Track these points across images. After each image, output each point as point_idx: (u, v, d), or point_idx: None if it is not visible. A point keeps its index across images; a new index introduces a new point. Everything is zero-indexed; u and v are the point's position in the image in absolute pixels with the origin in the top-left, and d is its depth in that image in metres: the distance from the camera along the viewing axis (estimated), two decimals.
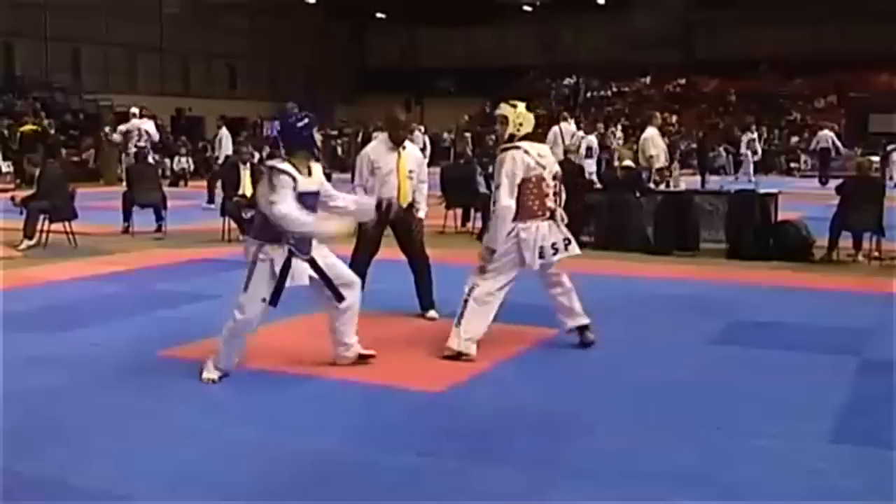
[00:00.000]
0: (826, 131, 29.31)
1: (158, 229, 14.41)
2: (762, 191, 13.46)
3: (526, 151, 6.80)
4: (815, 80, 39.57)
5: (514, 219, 6.76)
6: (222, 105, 39.63)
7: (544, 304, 7.34)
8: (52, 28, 34.54)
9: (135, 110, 22.25)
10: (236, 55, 42.72)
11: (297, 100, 40.61)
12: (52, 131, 29.59)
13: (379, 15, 48.47)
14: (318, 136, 6.52)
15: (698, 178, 22.66)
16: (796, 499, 4.41)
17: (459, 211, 15.62)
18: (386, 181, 8.08)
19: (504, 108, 7.02)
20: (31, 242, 12.57)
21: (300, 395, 6.04)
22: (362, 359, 6.61)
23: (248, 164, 14.28)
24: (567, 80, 43.88)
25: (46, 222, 12.86)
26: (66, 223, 12.90)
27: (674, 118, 38.46)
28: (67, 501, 4.38)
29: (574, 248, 7.11)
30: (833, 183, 15.42)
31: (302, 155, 6.28)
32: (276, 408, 5.77)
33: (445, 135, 35.51)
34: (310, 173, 6.29)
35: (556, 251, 6.91)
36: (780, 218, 13.01)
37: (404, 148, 8.28)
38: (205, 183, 20.41)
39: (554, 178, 6.95)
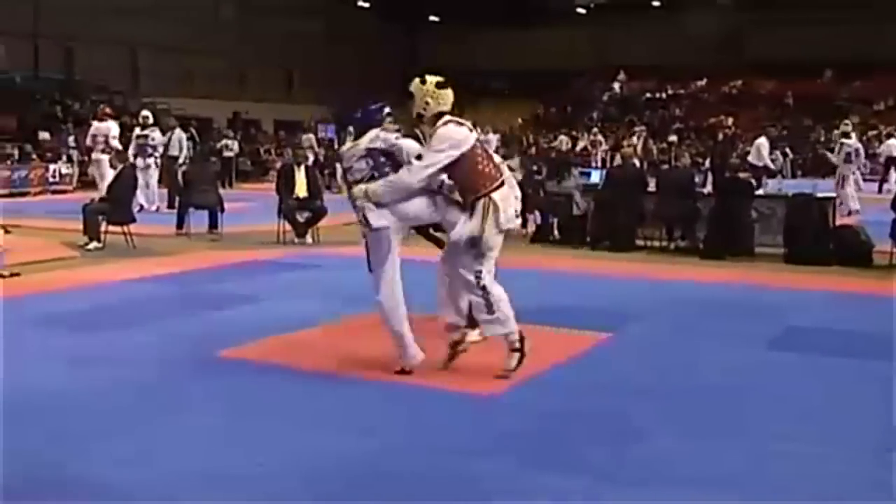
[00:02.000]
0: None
1: (213, 230, 14.55)
2: (820, 195, 13.28)
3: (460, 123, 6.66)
4: (874, 82, 38.94)
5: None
6: (278, 109, 40.06)
7: (596, 307, 7.31)
8: (110, 32, 35.02)
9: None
10: (291, 59, 43.02)
11: (350, 103, 40.75)
12: None
13: (433, 18, 48.58)
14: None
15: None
16: None
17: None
18: None
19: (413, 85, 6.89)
20: (99, 244, 12.76)
21: (355, 397, 6.04)
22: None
23: (302, 167, 14.39)
24: (617, 81, 43.52)
25: (105, 224, 13.06)
26: (125, 225, 13.09)
27: (730, 120, 38.07)
28: (110, 501, 4.42)
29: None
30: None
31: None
32: (328, 409, 5.79)
33: (491, 136, 35.44)
34: None
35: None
36: (838, 222, 12.84)
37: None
38: (262, 185, 20.55)
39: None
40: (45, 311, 8.62)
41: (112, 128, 18.40)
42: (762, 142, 20.42)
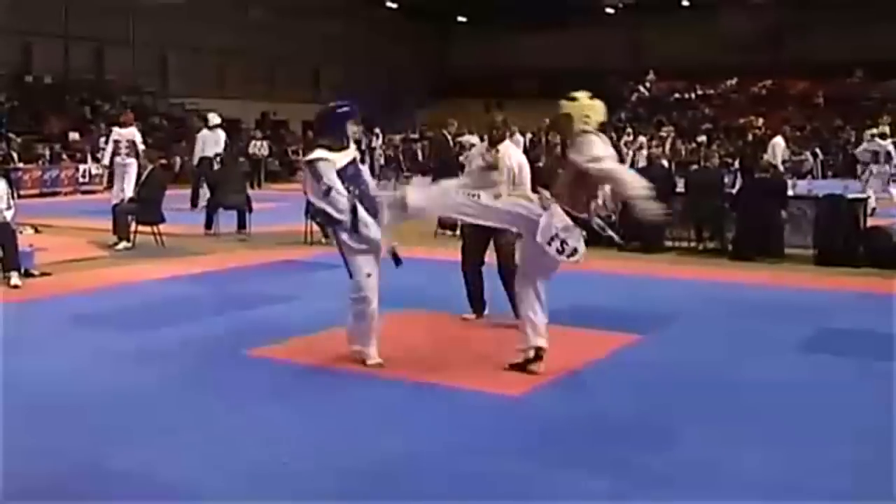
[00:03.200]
0: None
1: (242, 230, 14.60)
2: (850, 196, 13.16)
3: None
4: None
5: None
6: (306, 109, 40.11)
7: (626, 308, 7.28)
8: (140, 33, 35.26)
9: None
10: (319, 59, 43.14)
11: (378, 104, 40.87)
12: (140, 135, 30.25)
13: (461, 19, 48.57)
14: (351, 128, 7.16)
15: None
16: None
17: None
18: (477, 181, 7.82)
19: (564, 105, 6.90)
20: (129, 244, 12.84)
21: (383, 396, 6.05)
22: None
23: None
24: (647, 81, 43.32)
25: (134, 223, 13.14)
26: (155, 225, 13.17)
27: (760, 121, 37.82)
28: (154, 496, 4.46)
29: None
30: None
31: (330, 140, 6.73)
32: (360, 408, 5.81)
33: (518, 137, 35.39)
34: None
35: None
36: (869, 224, 12.73)
37: (497, 151, 8.12)
38: (290, 185, 20.57)
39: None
40: (75, 310, 8.69)
41: (136, 133, 18.54)
42: (778, 141, 20.42)
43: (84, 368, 6.65)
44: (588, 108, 6.74)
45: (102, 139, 27.91)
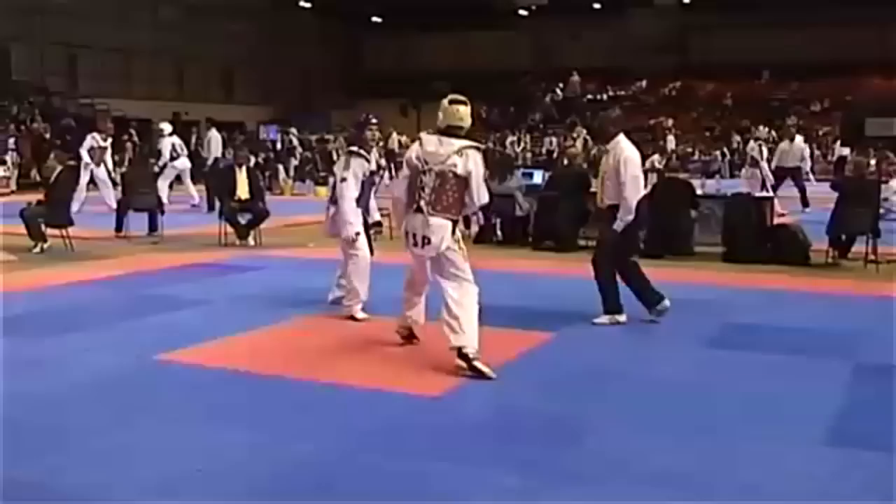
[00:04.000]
0: None
1: (153, 233, 14.41)
2: (757, 195, 13.48)
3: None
4: (811, 83, 39.63)
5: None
6: (218, 109, 39.73)
7: (538, 307, 7.36)
8: (49, 33, 34.52)
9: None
10: (232, 59, 42.72)
11: (293, 105, 40.61)
12: (48, 135, 29.62)
13: (375, 19, 48.50)
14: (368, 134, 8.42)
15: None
16: (792, 502, 4.42)
17: None
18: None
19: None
20: (46, 245, 12.64)
21: (298, 398, 6.02)
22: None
23: (244, 168, 14.29)
24: (572, 80, 43.77)
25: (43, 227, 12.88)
26: (63, 228, 12.92)
27: (670, 122, 38.49)
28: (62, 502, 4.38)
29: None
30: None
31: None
32: (273, 411, 5.77)
33: None
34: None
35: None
36: (776, 222, 13.04)
37: (607, 150, 8.25)
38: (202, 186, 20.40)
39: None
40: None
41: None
42: (801, 143, 20.61)
43: (6, 373, 6.50)
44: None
45: (12, 140, 27.37)
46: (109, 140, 19.08)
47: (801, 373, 6.69)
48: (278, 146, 33.25)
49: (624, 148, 8.05)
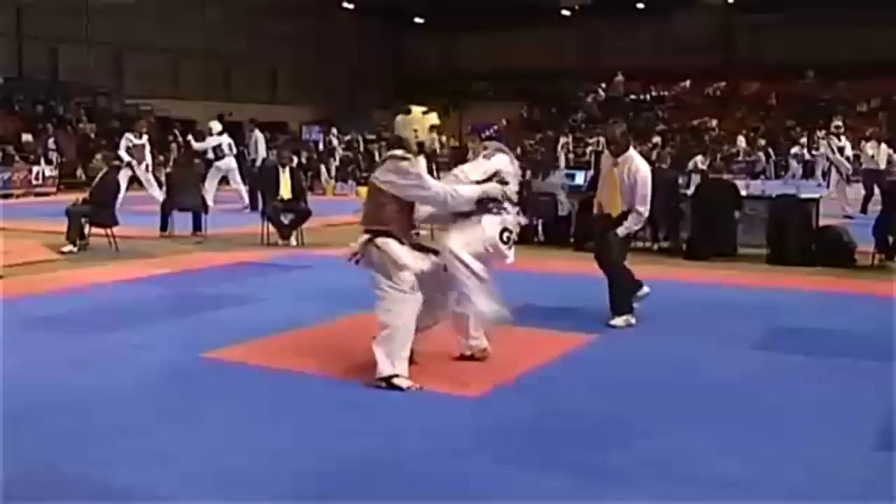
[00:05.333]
0: None
1: (197, 232, 14.52)
2: (803, 196, 13.33)
3: None
4: (857, 84, 39.11)
5: None
6: (263, 110, 40.00)
7: (581, 308, 7.33)
8: (95, 33, 34.90)
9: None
10: (277, 60, 42.97)
11: (335, 105, 40.75)
12: (93, 135, 29.98)
13: (417, 20, 48.57)
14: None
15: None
16: None
17: None
18: (602, 189, 8.55)
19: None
20: (74, 248, 12.68)
21: (342, 397, 6.03)
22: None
23: (286, 168, 14.36)
24: (616, 81, 43.55)
25: (88, 226, 13.02)
26: (108, 227, 13.05)
27: (714, 122, 38.21)
28: (109, 498, 4.42)
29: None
30: None
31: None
32: (316, 410, 5.78)
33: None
34: None
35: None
36: (821, 223, 12.90)
37: (618, 161, 8.30)
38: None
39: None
40: (28, 313, 8.59)
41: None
42: (886, 147, 19.41)
43: (36, 372, 6.56)
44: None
45: (51, 140, 27.71)
46: (145, 137, 19.13)
47: (847, 376, 6.60)
48: (320, 146, 33.42)
49: (639, 164, 8.23)
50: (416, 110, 6.65)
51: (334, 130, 34.70)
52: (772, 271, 11.48)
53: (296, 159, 19.02)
